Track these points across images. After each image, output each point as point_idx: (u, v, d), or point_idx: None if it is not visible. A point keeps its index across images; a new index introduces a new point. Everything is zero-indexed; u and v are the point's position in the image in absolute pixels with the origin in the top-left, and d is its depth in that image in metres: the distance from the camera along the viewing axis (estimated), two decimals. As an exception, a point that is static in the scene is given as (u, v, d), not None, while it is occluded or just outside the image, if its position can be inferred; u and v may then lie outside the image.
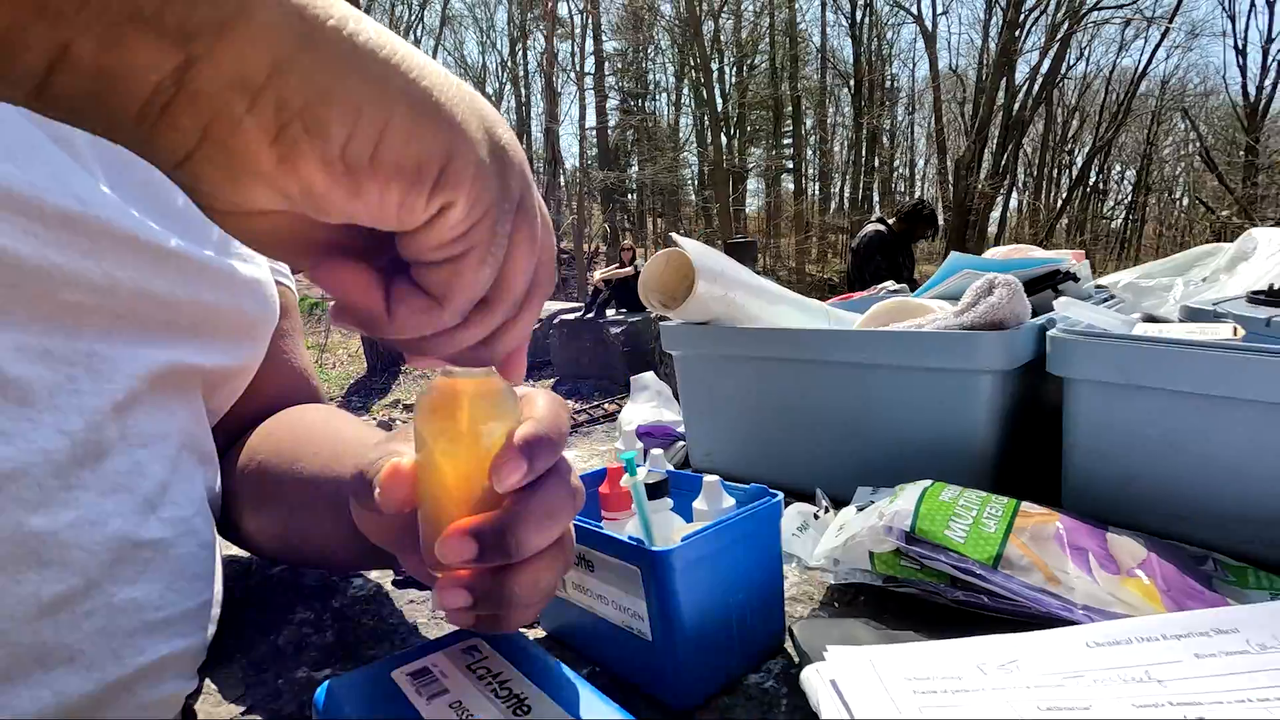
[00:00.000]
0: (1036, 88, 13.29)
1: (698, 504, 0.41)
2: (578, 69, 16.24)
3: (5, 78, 0.17)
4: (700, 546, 0.34)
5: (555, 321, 5.81)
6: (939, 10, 19.46)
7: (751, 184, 17.29)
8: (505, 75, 17.47)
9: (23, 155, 0.34)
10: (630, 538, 0.35)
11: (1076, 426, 0.47)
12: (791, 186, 17.23)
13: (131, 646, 0.37)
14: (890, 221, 3.84)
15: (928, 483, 0.45)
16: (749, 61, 16.39)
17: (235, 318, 0.46)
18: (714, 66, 14.56)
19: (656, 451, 0.54)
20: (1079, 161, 16.69)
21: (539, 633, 0.45)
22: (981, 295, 0.49)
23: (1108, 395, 0.45)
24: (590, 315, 5.67)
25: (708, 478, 0.41)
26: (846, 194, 17.91)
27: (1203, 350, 0.41)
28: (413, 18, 16.12)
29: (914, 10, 15.18)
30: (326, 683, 0.29)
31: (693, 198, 17.59)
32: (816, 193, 17.89)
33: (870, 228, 3.86)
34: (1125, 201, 18.36)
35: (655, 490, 0.40)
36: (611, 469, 0.44)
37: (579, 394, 4.98)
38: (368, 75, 0.20)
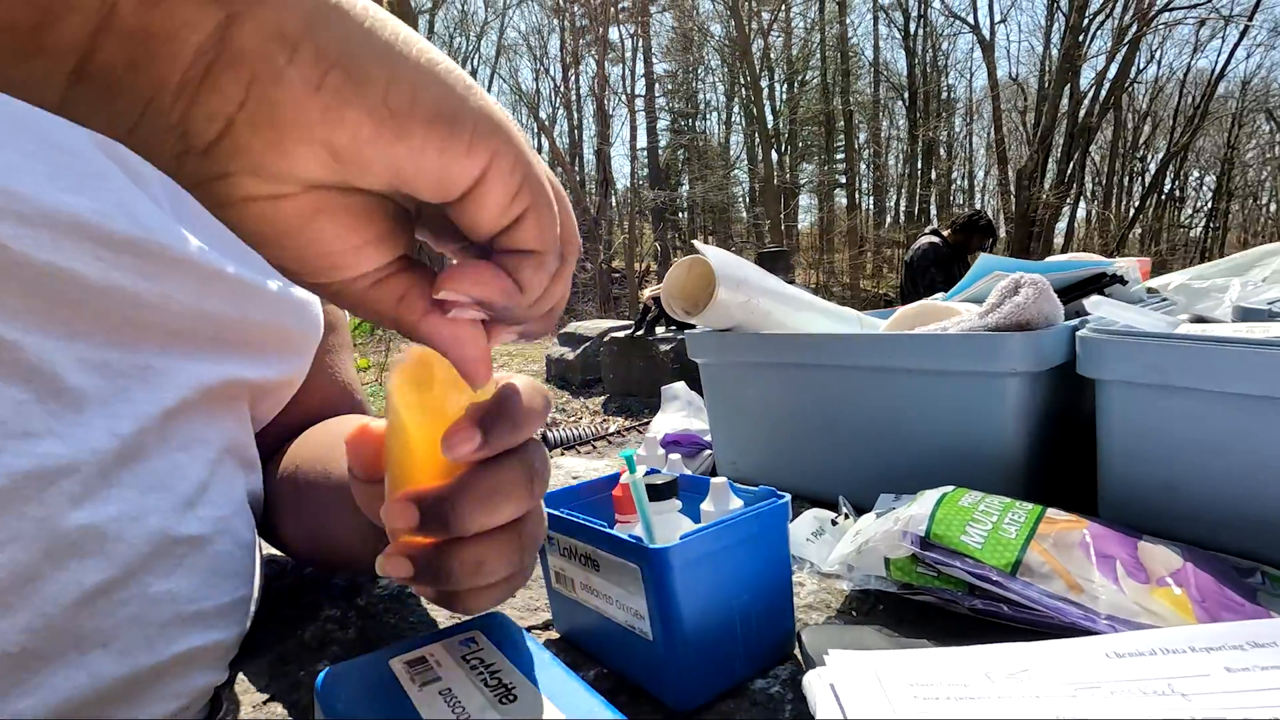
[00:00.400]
0: (1104, 93, 12.77)
1: (705, 505, 0.41)
2: (628, 91, 16.51)
3: (49, 51, 0.17)
4: (700, 545, 0.34)
5: (605, 339, 5.85)
6: (997, 19, 19.00)
7: (804, 200, 17.14)
8: (558, 100, 17.91)
9: (94, 187, 0.37)
10: (631, 536, 0.35)
11: (1111, 432, 0.44)
12: (845, 201, 17.00)
13: (164, 637, 0.39)
14: (945, 233, 3.74)
15: (949, 488, 0.43)
16: (800, 78, 16.33)
17: (282, 334, 0.49)
18: (764, 84, 14.57)
19: (674, 457, 0.53)
20: (1152, 168, 15.90)
21: (552, 634, 0.45)
22: (1007, 295, 0.47)
23: (1143, 397, 0.42)
24: (640, 333, 5.69)
25: (715, 479, 0.41)
26: (903, 207, 17.54)
27: (1247, 347, 0.39)
28: (470, 48, 16.74)
29: (970, 20, 14.86)
30: (327, 669, 0.30)
31: (744, 215, 17.55)
32: (871, 207, 17.59)
33: (924, 240, 3.77)
34: (1205, 209, 17.35)
35: (663, 491, 0.40)
36: (624, 472, 0.44)
37: (628, 411, 4.99)
38: (386, 35, 0.20)
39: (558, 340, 6.36)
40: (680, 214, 17.42)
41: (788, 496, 0.38)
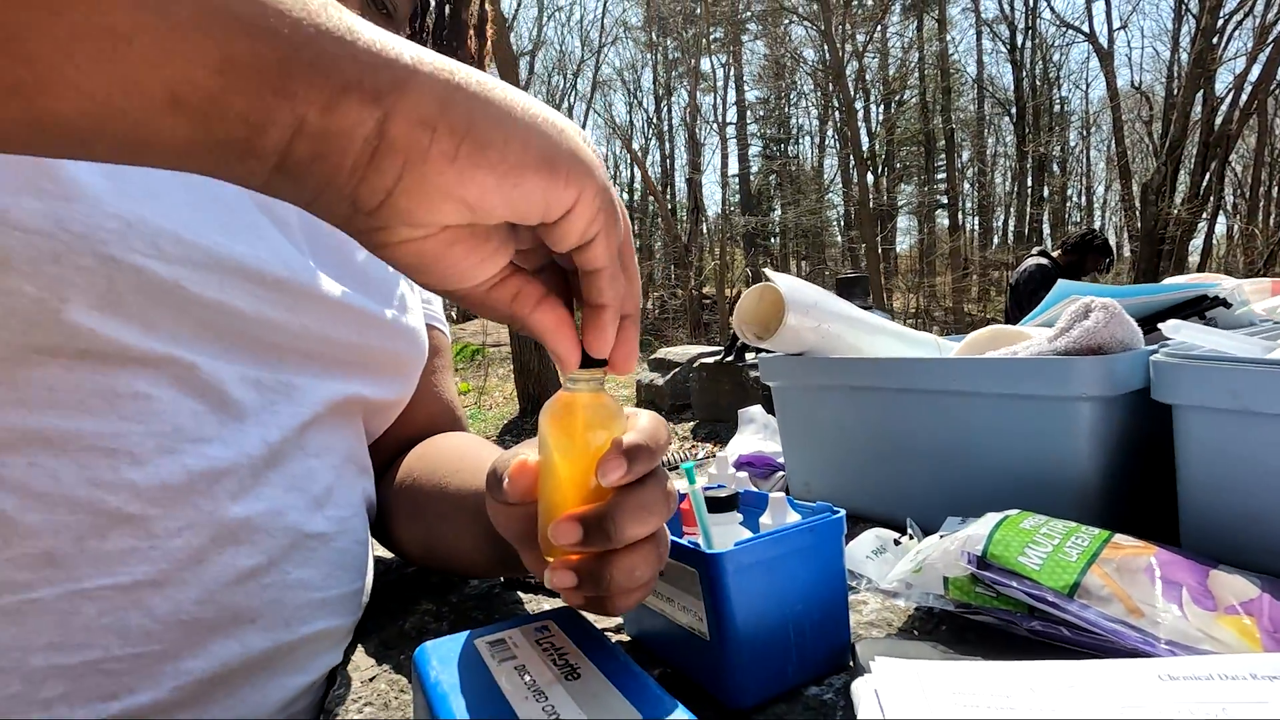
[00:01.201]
0: (1244, 98, 11.65)
1: (764, 519, 0.43)
2: (720, 119, 16.68)
3: (258, 154, 0.23)
4: (754, 552, 0.37)
5: (695, 365, 5.88)
6: (1115, 26, 17.82)
7: (902, 222, 16.60)
8: (651, 131, 18.34)
9: (248, 234, 0.45)
10: (691, 542, 0.38)
11: (1190, 460, 0.43)
12: (946, 222, 16.31)
13: (298, 618, 0.46)
14: (1054, 254, 3.54)
15: (1012, 511, 0.43)
16: (897, 98, 15.94)
17: (395, 359, 0.56)
18: (859, 106, 14.31)
19: (743, 475, 0.56)
20: (1307, 177, 14.27)
21: (623, 637, 0.48)
22: (1077, 319, 0.47)
23: (1222, 424, 0.41)
24: (729, 359, 5.69)
25: (774, 494, 0.43)
26: (1010, 227, 16.61)
27: (1337, 374, 0.37)
28: (567, 85, 17.49)
29: (1085, 29, 14.03)
30: (424, 644, 0.35)
31: (839, 238, 17.18)
32: (976, 227, 16.77)
33: (1031, 261, 3.57)
34: (1376, 221, 15.32)
35: (724, 504, 0.43)
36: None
37: (716, 437, 4.97)
38: (497, 102, 0.26)
39: (648, 366, 6.44)
40: (772, 239, 17.29)
41: (843, 512, 0.40)
